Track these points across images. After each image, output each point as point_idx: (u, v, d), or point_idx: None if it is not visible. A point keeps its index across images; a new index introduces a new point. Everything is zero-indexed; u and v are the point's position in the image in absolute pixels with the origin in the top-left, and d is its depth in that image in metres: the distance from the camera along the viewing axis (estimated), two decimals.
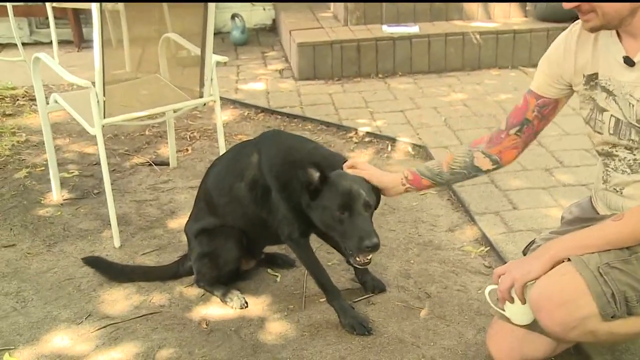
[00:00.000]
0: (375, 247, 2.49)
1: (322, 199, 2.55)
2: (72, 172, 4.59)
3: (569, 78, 2.36)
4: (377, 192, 2.72)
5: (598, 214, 2.45)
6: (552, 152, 4.59)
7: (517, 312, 2.32)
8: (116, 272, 3.36)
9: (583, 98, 2.35)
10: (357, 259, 2.56)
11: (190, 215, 3.32)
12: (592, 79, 2.29)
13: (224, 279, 3.19)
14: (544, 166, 4.40)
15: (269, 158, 2.83)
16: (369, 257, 2.56)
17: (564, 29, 2.40)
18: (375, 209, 2.74)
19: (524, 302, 2.28)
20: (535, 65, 2.52)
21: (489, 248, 3.54)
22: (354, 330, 2.87)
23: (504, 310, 2.37)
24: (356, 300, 3.10)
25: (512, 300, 2.30)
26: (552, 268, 2.18)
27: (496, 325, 2.60)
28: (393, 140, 4.97)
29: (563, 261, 2.18)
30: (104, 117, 3.49)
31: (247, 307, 3.13)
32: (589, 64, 2.29)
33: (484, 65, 6.55)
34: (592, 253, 2.15)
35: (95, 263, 3.40)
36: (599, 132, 2.31)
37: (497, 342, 2.58)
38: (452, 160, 2.65)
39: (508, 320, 2.39)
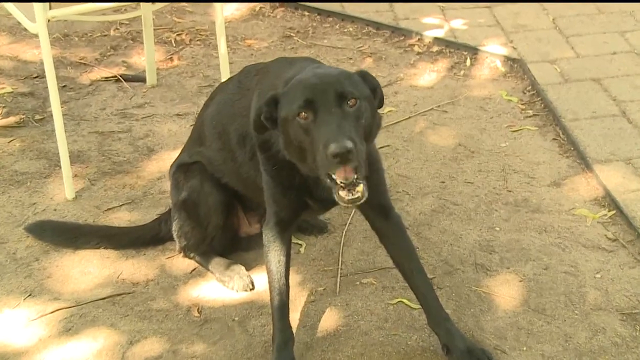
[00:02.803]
0: (343, 154, 2.34)
1: (279, 114, 2.53)
2: (3, 88, 4.59)
3: None
4: (370, 80, 2.58)
5: None
6: None
7: None
8: (69, 235, 3.38)
9: None
10: (340, 193, 2.46)
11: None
12: None
13: (217, 244, 3.21)
14: None
15: (258, 102, 2.76)
16: (354, 192, 2.43)
17: None
18: (380, 106, 2.65)
19: None
20: None
21: (614, 212, 3.49)
22: None
23: None
24: None
25: None
26: None
27: None
28: (474, 50, 4.89)
29: None
30: (50, 8, 3.45)
31: (253, 289, 3.14)
32: None
33: None
34: None
35: (42, 231, 3.40)
36: None
37: None
38: None
39: None
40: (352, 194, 2.44)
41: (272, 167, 2.70)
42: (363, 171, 2.44)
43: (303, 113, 2.43)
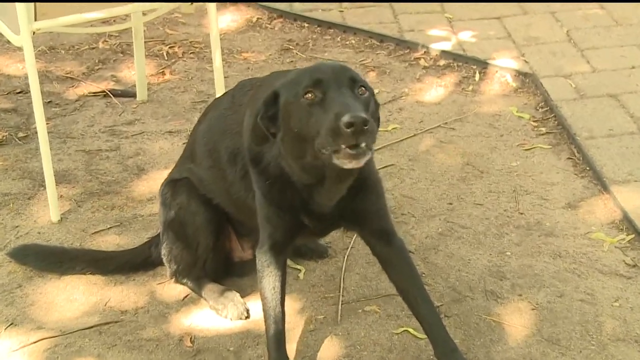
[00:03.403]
0: (357, 123, 2.29)
1: (280, 102, 2.54)
2: None
3: None
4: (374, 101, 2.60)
5: None
6: None
7: None
8: (54, 259, 3.37)
9: None
10: (343, 151, 2.40)
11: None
12: None
13: (209, 269, 3.22)
14: None
15: (250, 117, 2.78)
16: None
17: None
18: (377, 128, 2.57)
19: None
20: None
21: (633, 236, 3.49)
22: None
23: None
24: None
25: None
26: None
27: None
28: (484, 64, 4.91)
29: None
30: (35, 19, 3.46)
31: (248, 317, 3.14)
32: None
33: None
34: None
35: (25, 255, 3.40)
36: None
37: None
38: None
39: None
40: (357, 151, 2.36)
41: (264, 181, 2.70)
42: (371, 143, 2.39)
43: (310, 94, 2.43)
